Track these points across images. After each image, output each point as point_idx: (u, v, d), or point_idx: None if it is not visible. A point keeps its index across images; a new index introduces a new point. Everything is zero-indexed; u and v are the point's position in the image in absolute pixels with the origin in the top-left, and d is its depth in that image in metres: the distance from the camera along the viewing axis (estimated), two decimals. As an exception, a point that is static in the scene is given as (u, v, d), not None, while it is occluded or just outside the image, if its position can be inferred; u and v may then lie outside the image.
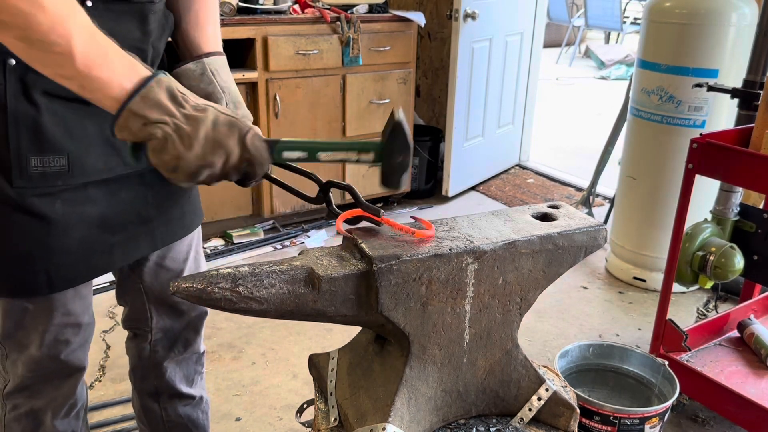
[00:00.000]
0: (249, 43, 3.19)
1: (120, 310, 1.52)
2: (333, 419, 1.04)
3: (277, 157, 0.96)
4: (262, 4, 3.26)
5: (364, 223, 1.03)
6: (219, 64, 1.23)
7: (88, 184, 1.12)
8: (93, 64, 0.84)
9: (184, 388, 1.54)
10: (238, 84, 1.31)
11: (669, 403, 1.87)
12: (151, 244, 1.27)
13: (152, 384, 1.52)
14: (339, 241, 1.03)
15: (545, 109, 6.11)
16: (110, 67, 0.86)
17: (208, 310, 1.52)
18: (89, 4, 1.03)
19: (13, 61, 1.01)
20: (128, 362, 1.54)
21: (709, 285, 2.25)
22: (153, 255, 1.35)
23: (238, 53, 3.25)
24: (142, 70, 0.89)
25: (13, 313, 1.20)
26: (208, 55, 1.22)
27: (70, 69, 0.84)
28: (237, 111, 1.21)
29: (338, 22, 3.36)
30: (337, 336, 2.63)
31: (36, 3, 0.80)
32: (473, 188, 4.34)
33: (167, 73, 0.90)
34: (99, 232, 1.16)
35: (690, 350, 2.23)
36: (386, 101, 3.65)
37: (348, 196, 1.05)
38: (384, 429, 0.93)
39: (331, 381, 1.09)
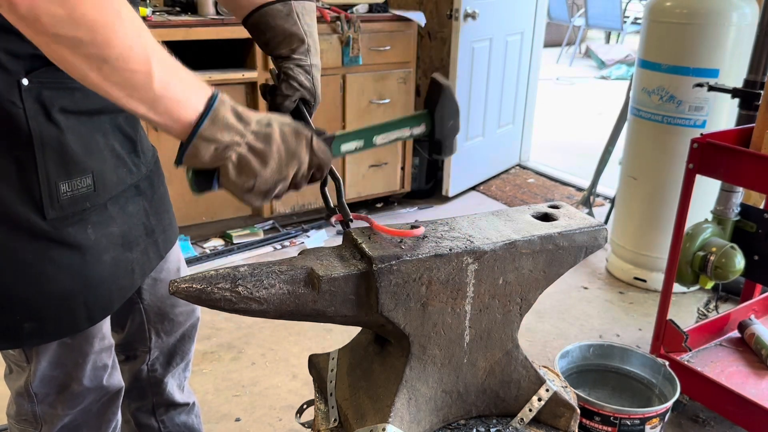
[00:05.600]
0: (249, 42, 3.19)
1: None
2: (333, 420, 1.04)
3: (336, 152, 0.93)
4: (262, 4, 3.26)
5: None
6: (307, 9, 1.18)
7: (108, 202, 1.09)
8: (169, 82, 0.76)
9: (178, 397, 1.53)
10: (237, 84, 1.31)
11: (669, 404, 1.87)
12: (158, 255, 1.25)
13: (150, 401, 1.49)
14: (339, 241, 1.03)
15: (545, 109, 6.11)
16: (183, 85, 0.78)
17: (201, 316, 1.51)
18: None
19: (26, 81, 0.95)
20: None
21: (709, 285, 2.25)
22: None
23: (238, 53, 3.25)
24: (206, 87, 0.80)
25: (47, 354, 1.14)
26: None
27: (147, 90, 0.75)
28: (315, 58, 1.18)
29: (338, 22, 3.36)
30: (337, 336, 2.63)
31: (117, 13, 0.71)
32: (473, 188, 4.33)
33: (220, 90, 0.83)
34: (122, 251, 1.13)
35: (690, 350, 2.23)
36: (386, 101, 3.65)
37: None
38: (384, 429, 0.92)
39: (331, 381, 1.09)
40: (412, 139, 0.96)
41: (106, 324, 1.20)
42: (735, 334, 2.38)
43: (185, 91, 0.78)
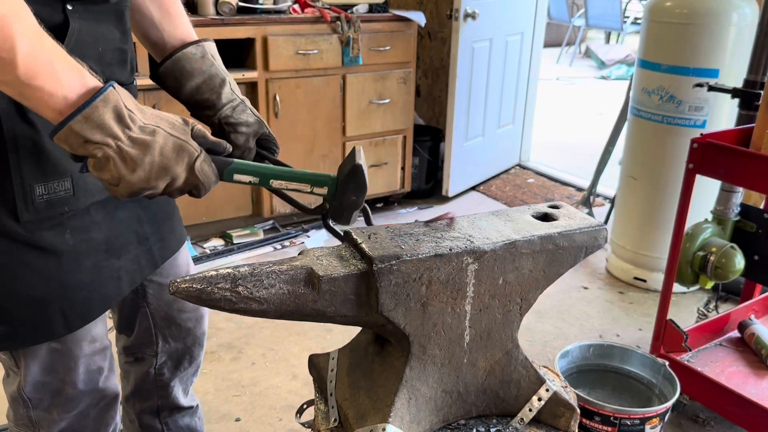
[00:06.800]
0: (249, 42, 3.19)
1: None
2: (333, 420, 1.04)
3: (227, 178, 0.94)
4: (262, 4, 3.26)
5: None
6: (215, 50, 1.21)
7: (91, 207, 1.07)
8: (37, 71, 0.78)
9: (183, 400, 1.53)
10: (238, 84, 1.31)
11: (669, 404, 1.87)
12: (152, 263, 1.24)
13: (155, 403, 1.49)
14: (339, 241, 1.03)
15: (545, 109, 6.11)
16: (55, 76, 0.79)
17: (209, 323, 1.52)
18: (69, 7, 0.97)
19: None
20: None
21: (709, 285, 2.25)
22: (155, 276, 1.31)
23: (238, 53, 3.25)
24: (90, 81, 0.82)
25: (37, 359, 1.12)
26: (204, 40, 1.20)
27: (10, 75, 0.77)
28: (239, 92, 1.20)
29: (338, 22, 3.36)
30: (337, 336, 2.63)
31: None
32: (473, 188, 4.33)
33: (116, 85, 0.84)
34: (106, 257, 1.11)
35: (690, 350, 2.23)
36: (386, 101, 3.65)
37: None
38: (384, 429, 0.92)
39: (331, 381, 1.09)
40: (315, 195, 0.97)
41: (97, 327, 1.18)
42: (735, 334, 2.38)
43: (56, 82, 0.79)
